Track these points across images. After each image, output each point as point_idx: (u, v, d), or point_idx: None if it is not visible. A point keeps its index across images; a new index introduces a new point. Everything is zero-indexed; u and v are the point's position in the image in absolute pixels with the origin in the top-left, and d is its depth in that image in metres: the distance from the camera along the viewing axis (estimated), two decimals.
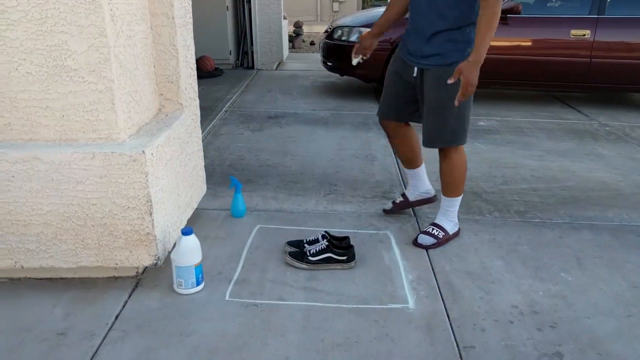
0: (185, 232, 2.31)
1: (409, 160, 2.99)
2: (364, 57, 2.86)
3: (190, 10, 2.92)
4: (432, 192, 3.06)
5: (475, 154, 4.20)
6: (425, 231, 2.79)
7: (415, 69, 2.62)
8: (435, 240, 2.74)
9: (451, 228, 2.82)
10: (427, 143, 2.68)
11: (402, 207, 3.09)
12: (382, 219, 3.06)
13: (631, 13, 5.65)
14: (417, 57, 2.60)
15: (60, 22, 2.13)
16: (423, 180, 3.04)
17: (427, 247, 2.72)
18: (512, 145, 4.46)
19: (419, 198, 3.07)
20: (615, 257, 2.69)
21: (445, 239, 2.77)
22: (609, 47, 5.58)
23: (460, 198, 2.82)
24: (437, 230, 2.77)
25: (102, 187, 2.19)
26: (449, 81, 2.36)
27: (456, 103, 2.40)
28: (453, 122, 2.58)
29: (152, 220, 2.25)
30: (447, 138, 2.63)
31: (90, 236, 2.26)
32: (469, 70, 2.32)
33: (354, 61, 2.86)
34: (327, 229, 2.74)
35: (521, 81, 5.85)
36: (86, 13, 2.13)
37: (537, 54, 5.65)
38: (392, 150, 4.09)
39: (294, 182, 3.56)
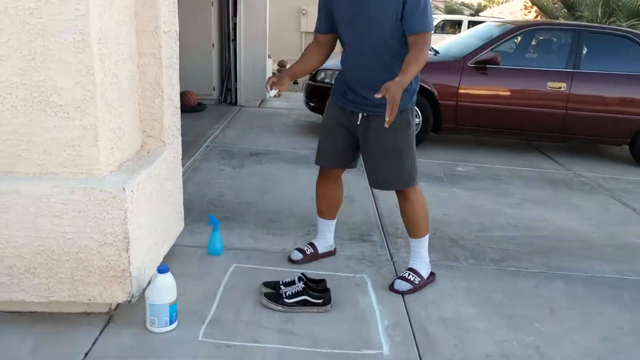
0: (161, 269, 2.30)
1: (334, 209, 3.05)
2: (280, 93, 2.76)
3: (177, 50, 2.97)
4: (334, 246, 3.14)
5: (453, 200, 4.27)
6: (402, 276, 2.81)
7: (360, 115, 2.68)
8: (411, 286, 2.76)
9: (426, 271, 2.85)
10: (385, 186, 2.80)
11: (311, 259, 3.01)
12: (359, 262, 3.07)
13: (605, 69, 5.87)
14: (361, 105, 2.66)
15: (49, 59, 2.15)
16: (332, 233, 3.10)
17: (403, 293, 2.73)
18: (489, 192, 4.54)
19: (326, 251, 3.09)
20: (588, 309, 2.73)
21: (421, 285, 2.79)
22: (584, 100, 5.77)
23: (427, 236, 2.87)
24: (413, 276, 2.79)
25: (79, 221, 2.18)
26: (376, 96, 2.33)
27: (387, 124, 2.35)
28: (409, 164, 2.69)
29: (129, 257, 2.23)
30: (405, 180, 2.72)
31: (64, 270, 2.23)
32: (396, 89, 2.32)
33: (272, 93, 2.72)
34: (303, 271, 2.74)
35: (499, 129, 5.99)
36: (75, 51, 2.15)
37: (515, 103, 5.81)
38: (370, 191, 4.13)
39: (272, 221, 3.57)
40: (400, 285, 2.76)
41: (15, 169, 2.23)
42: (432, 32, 2.59)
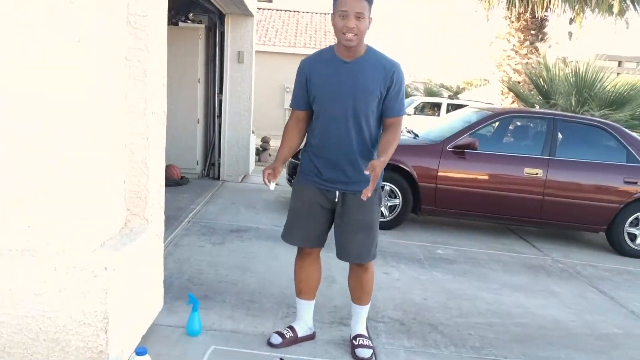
0: (139, 351, 2.24)
1: (313, 289, 3.05)
2: (278, 183, 2.81)
3: (165, 130, 3.03)
4: (314, 329, 3.13)
5: (433, 283, 4.27)
6: (359, 344, 2.92)
7: (337, 193, 2.76)
8: (371, 349, 2.93)
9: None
10: (358, 258, 2.85)
11: (290, 343, 2.96)
12: (338, 346, 3.03)
13: (579, 157, 6.07)
14: (338, 183, 2.75)
15: (39, 140, 2.18)
16: (311, 315, 3.09)
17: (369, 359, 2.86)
18: (468, 276, 4.56)
19: (306, 335, 3.05)
20: None
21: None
22: (560, 187, 5.92)
23: None
24: (367, 340, 2.97)
25: (59, 300, 2.15)
26: (366, 172, 2.46)
27: (365, 197, 2.48)
28: (377, 237, 2.85)
29: (107, 337, 2.19)
30: (373, 252, 2.87)
31: (41, 351, 2.18)
32: (380, 168, 2.50)
33: (272, 186, 2.74)
34: (282, 355, 2.69)
35: (478, 213, 6.09)
36: (65, 132, 2.19)
37: (493, 188, 5.93)
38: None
39: (251, 302, 3.52)
40: (364, 352, 2.89)
41: None
42: None
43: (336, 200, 2.77)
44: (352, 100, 2.64)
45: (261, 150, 11.35)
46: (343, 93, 2.64)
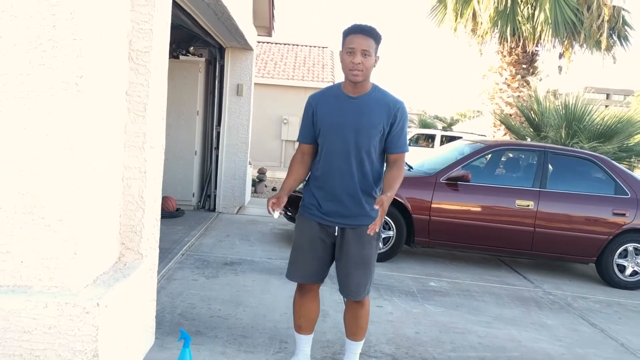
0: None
1: (313, 324, 3.06)
2: (281, 212, 2.93)
3: (162, 163, 3.09)
4: None
5: (426, 316, 4.28)
6: None
7: (336, 228, 2.81)
8: None
9: None
10: (355, 295, 2.87)
11: None
12: None
13: (569, 189, 6.14)
14: (337, 217, 2.79)
15: (37, 172, 2.23)
16: (310, 348, 3.10)
17: None
18: (461, 309, 4.57)
19: None
20: None
21: None
22: (551, 219, 5.98)
23: None
24: None
25: (49, 338, 2.16)
26: (375, 206, 2.53)
27: (373, 232, 2.57)
28: (373, 272, 2.90)
29: None
30: (369, 288, 2.91)
31: None
32: (387, 204, 2.57)
33: (275, 215, 2.80)
34: None
35: (471, 244, 6.12)
36: (63, 165, 2.25)
37: (485, 220, 5.98)
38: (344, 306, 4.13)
39: (244, 337, 3.53)
40: None
41: None
42: None
43: (335, 234, 2.81)
44: (354, 134, 2.72)
45: (257, 182, 11.41)
46: (346, 127, 2.72)
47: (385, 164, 2.86)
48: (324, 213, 2.81)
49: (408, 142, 2.99)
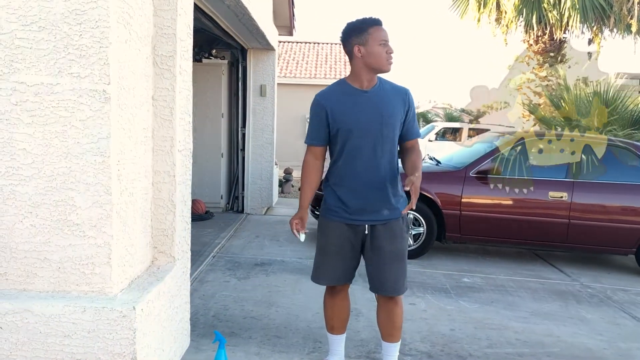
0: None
1: (345, 323, 3.04)
2: (306, 231, 2.82)
3: (191, 167, 3.10)
4: None
5: (460, 313, 4.22)
6: None
7: (366, 226, 2.76)
8: None
9: None
10: (395, 290, 2.82)
11: None
12: None
13: (605, 178, 5.99)
14: (366, 215, 2.75)
15: (70, 180, 2.26)
16: (343, 347, 3.09)
17: None
18: (496, 305, 4.50)
19: None
20: None
21: None
22: (586, 210, 5.84)
23: None
24: None
25: (89, 342, 2.18)
26: (406, 188, 2.56)
27: (407, 211, 2.65)
28: (407, 267, 2.87)
29: None
30: (406, 284, 2.86)
31: None
32: (418, 182, 2.58)
33: (302, 237, 2.78)
34: None
35: (503, 238, 6.02)
36: (94, 172, 2.27)
37: (518, 213, 5.88)
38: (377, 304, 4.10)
39: (277, 337, 3.52)
40: None
41: (29, 287, 2.28)
42: None
43: (366, 233, 2.77)
44: (379, 127, 2.69)
45: (284, 182, 11.43)
46: (370, 121, 2.69)
47: (400, 153, 2.86)
48: (352, 213, 2.75)
49: (435, 137, 2.99)
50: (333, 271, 2.86)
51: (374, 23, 2.67)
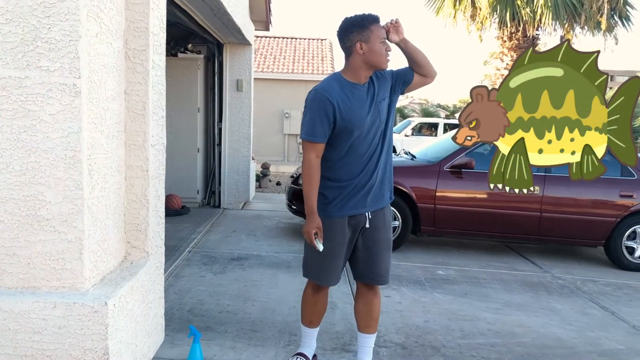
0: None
1: (322, 316, 3.06)
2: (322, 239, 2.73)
3: (164, 162, 3.08)
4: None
5: (434, 305, 4.28)
6: None
7: (367, 214, 2.78)
8: None
9: None
10: (384, 280, 2.88)
11: None
12: None
13: None
14: (368, 203, 2.77)
15: (39, 175, 2.24)
16: (315, 338, 3.12)
17: None
18: (470, 297, 4.57)
19: (313, 355, 3.11)
20: None
21: None
22: (557, 203, 5.95)
23: None
24: None
25: (59, 338, 2.16)
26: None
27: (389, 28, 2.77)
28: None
29: None
30: (389, 273, 2.91)
31: None
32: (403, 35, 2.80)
33: (320, 246, 2.65)
34: None
35: (477, 231, 6.11)
36: (65, 167, 2.25)
37: (491, 206, 5.96)
38: (352, 297, 4.14)
39: (253, 331, 3.53)
40: None
41: None
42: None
43: (366, 221, 2.77)
44: (379, 115, 2.74)
45: (261, 177, 11.40)
46: (372, 114, 2.72)
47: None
48: (352, 206, 2.75)
49: (411, 132, 3.03)
50: (337, 273, 2.85)
51: (375, 20, 2.68)
